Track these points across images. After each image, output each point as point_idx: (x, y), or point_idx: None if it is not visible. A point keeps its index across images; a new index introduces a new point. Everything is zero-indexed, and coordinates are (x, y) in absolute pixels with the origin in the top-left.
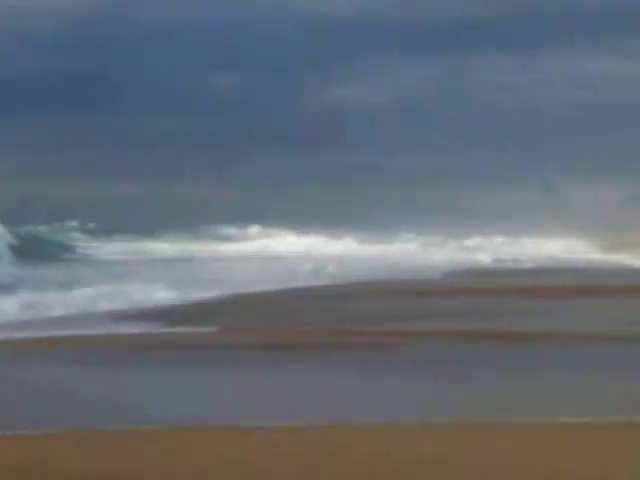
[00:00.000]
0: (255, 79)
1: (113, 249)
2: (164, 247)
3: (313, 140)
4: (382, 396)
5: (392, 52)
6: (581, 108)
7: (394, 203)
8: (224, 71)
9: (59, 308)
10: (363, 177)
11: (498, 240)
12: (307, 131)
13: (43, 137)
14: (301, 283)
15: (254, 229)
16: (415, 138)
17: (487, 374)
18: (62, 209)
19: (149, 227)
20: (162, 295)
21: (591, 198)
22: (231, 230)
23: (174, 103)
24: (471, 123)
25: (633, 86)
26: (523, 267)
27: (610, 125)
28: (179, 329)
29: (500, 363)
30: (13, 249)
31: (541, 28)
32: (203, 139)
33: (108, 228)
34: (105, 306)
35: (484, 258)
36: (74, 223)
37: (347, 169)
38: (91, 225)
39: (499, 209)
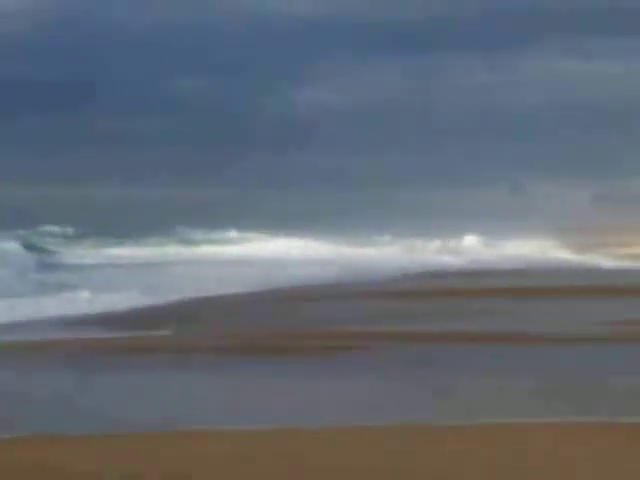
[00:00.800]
0: (222, 82)
1: (88, 254)
2: (140, 251)
3: (282, 142)
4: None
5: (359, 53)
6: (550, 108)
7: (365, 205)
8: (192, 74)
9: (15, 314)
10: (333, 179)
11: (469, 241)
12: (275, 133)
13: (14, 141)
14: (267, 286)
15: (231, 233)
16: (383, 139)
17: (449, 375)
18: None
19: (124, 231)
20: (126, 300)
21: (560, 198)
22: (207, 234)
23: (142, 106)
24: (440, 124)
25: (601, 87)
26: (494, 268)
27: (579, 125)
28: (133, 333)
29: (466, 364)
30: None
31: (509, 28)
32: (171, 142)
33: (83, 233)
34: (65, 311)
35: (455, 260)
36: (54, 228)
37: (317, 171)
38: (69, 230)
39: (470, 210)
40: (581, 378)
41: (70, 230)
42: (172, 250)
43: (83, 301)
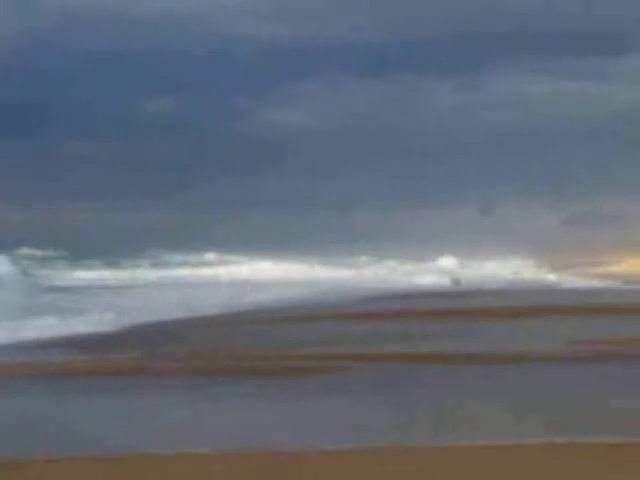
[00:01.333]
0: (190, 103)
1: (61, 276)
2: (113, 274)
3: (253, 164)
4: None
5: (331, 75)
6: (520, 129)
7: (341, 227)
8: (159, 95)
9: None
10: (306, 201)
11: (446, 262)
12: (245, 155)
13: None
14: (239, 308)
15: (206, 255)
16: (354, 161)
17: (424, 396)
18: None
19: (98, 254)
20: (96, 323)
21: (533, 218)
22: (181, 256)
23: (110, 128)
24: (411, 145)
25: (573, 107)
26: (466, 289)
27: (549, 146)
28: (100, 356)
29: (438, 385)
30: None
31: (480, 50)
32: (139, 164)
33: (55, 256)
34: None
35: (431, 279)
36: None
37: (290, 193)
38: (38, 253)
39: (445, 231)
40: (551, 398)
41: (48, 253)
42: (146, 273)
43: (53, 324)
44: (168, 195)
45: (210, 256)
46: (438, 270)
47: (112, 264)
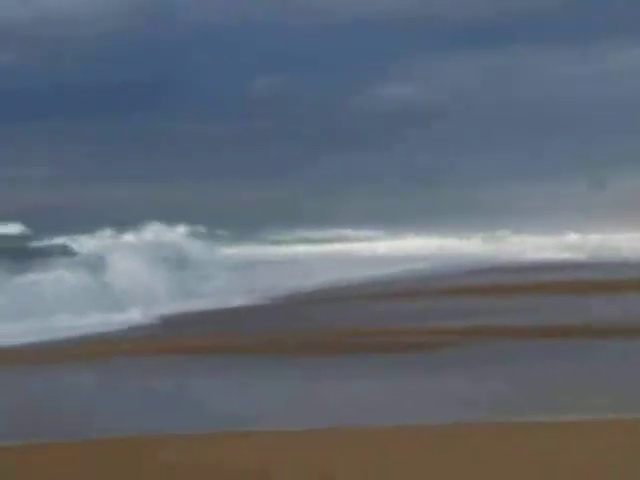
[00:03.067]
0: (304, 80)
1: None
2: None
3: (368, 140)
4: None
5: (440, 49)
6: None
7: (456, 202)
8: (272, 72)
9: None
10: (421, 176)
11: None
12: (361, 131)
13: (92, 142)
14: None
15: (342, 231)
16: (469, 135)
17: (537, 371)
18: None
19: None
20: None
21: None
22: (320, 232)
23: (221, 106)
24: (524, 118)
25: None
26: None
27: None
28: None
29: (554, 360)
30: None
31: (596, 20)
32: (254, 141)
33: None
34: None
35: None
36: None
37: (405, 168)
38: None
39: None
40: None
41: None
42: (286, 249)
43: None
44: (290, 172)
45: (344, 232)
46: (564, 244)
47: (255, 240)
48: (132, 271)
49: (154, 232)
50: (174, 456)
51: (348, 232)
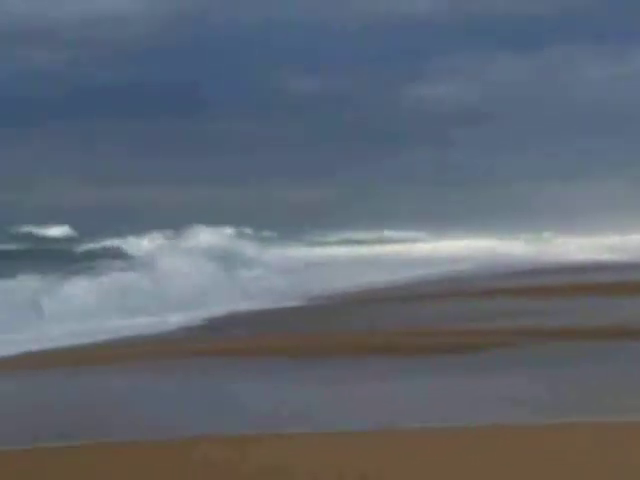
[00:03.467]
0: (338, 80)
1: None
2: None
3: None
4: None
5: (484, 48)
6: None
7: (506, 202)
8: (312, 71)
9: None
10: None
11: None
12: (402, 131)
13: (136, 143)
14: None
15: (386, 232)
16: (512, 136)
17: (595, 373)
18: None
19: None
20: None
21: None
22: (363, 234)
23: (262, 107)
24: (568, 119)
25: None
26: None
27: None
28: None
29: (611, 362)
30: None
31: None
32: (297, 142)
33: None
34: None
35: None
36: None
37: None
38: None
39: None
40: None
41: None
42: (331, 250)
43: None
44: (334, 173)
45: (389, 233)
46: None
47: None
48: (183, 273)
49: (202, 234)
50: (219, 457)
51: (393, 233)
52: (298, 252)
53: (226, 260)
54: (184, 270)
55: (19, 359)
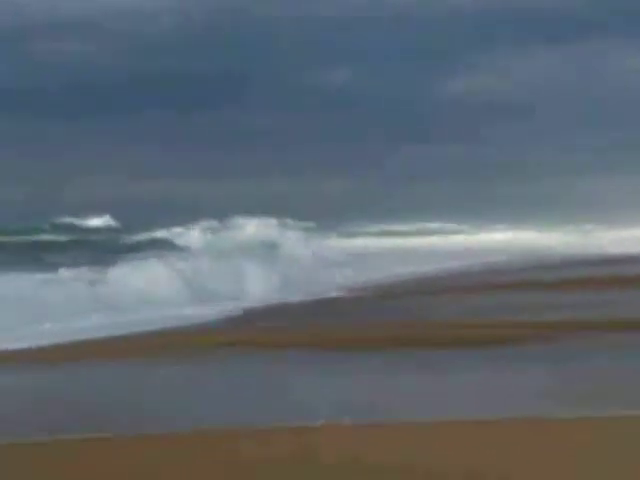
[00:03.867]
0: (373, 73)
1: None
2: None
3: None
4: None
5: (521, 41)
6: None
7: (547, 195)
8: (343, 64)
9: None
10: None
11: None
12: (434, 124)
13: (176, 135)
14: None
15: (430, 224)
16: (551, 128)
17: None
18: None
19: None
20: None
21: None
22: (406, 225)
23: (299, 99)
24: (607, 111)
25: None
26: None
27: None
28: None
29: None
30: None
31: None
32: (335, 134)
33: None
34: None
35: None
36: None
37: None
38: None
39: None
40: None
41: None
42: (372, 242)
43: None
44: (365, 165)
45: (429, 225)
46: None
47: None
48: (229, 263)
49: (246, 225)
50: (269, 449)
51: (433, 225)
52: (338, 243)
53: (272, 251)
54: (230, 260)
55: (65, 348)
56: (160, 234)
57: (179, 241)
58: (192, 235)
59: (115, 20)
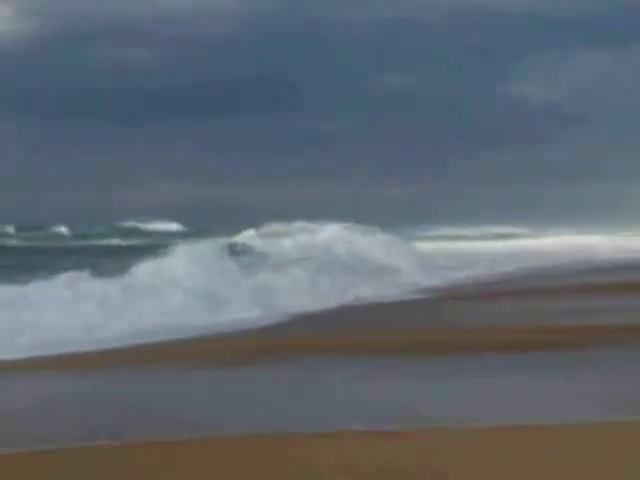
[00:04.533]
0: (430, 78)
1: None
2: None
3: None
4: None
5: (569, 47)
6: None
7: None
8: (401, 69)
9: None
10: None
11: None
12: (496, 127)
13: (235, 141)
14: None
15: (494, 228)
16: (606, 133)
17: None
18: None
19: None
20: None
21: None
22: (471, 230)
23: (356, 104)
24: None
25: None
26: None
27: None
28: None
29: None
30: None
31: None
32: (390, 139)
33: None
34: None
35: None
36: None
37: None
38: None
39: None
40: None
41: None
42: (434, 245)
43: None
44: (426, 169)
45: (487, 229)
46: None
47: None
48: (290, 268)
49: (304, 229)
50: (312, 454)
51: (491, 229)
52: (406, 247)
53: (331, 255)
54: (292, 265)
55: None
56: (224, 238)
57: (249, 244)
58: (259, 239)
59: (173, 25)
